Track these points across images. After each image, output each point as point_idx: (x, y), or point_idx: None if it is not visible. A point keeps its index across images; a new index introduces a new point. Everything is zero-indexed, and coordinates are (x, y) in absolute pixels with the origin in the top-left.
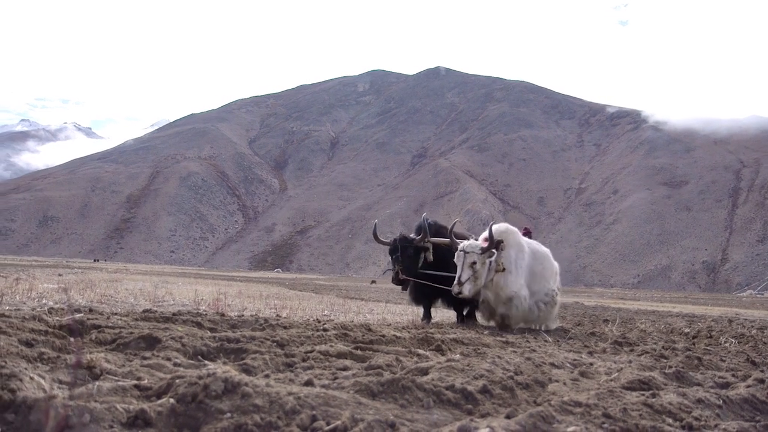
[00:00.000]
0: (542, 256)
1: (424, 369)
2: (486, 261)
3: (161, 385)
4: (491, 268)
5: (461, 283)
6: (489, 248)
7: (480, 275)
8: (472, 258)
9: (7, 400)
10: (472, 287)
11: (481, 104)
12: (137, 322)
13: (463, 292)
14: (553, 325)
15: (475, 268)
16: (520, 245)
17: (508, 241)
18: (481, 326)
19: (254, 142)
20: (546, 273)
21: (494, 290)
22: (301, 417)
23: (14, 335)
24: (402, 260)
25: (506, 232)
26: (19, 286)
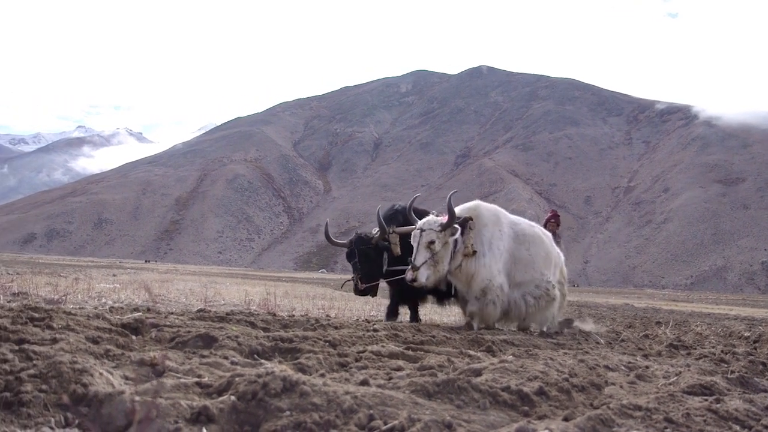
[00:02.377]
0: (531, 239)
1: (477, 370)
2: (449, 240)
3: (221, 383)
4: (458, 251)
5: (416, 268)
6: (450, 224)
7: (441, 258)
8: (429, 236)
9: (81, 393)
10: (432, 274)
11: (525, 103)
12: (193, 322)
13: (418, 278)
14: (553, 326)
15: (434, 249)
16: (497, 224)
17: (480, 217)
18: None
19: (299, 144)
20: (536, 260)
21: (464, 278)
22: (359, 416)
23: (81, 332)
24: (361, 267)
25: (478, 207)
26: (79, 286)
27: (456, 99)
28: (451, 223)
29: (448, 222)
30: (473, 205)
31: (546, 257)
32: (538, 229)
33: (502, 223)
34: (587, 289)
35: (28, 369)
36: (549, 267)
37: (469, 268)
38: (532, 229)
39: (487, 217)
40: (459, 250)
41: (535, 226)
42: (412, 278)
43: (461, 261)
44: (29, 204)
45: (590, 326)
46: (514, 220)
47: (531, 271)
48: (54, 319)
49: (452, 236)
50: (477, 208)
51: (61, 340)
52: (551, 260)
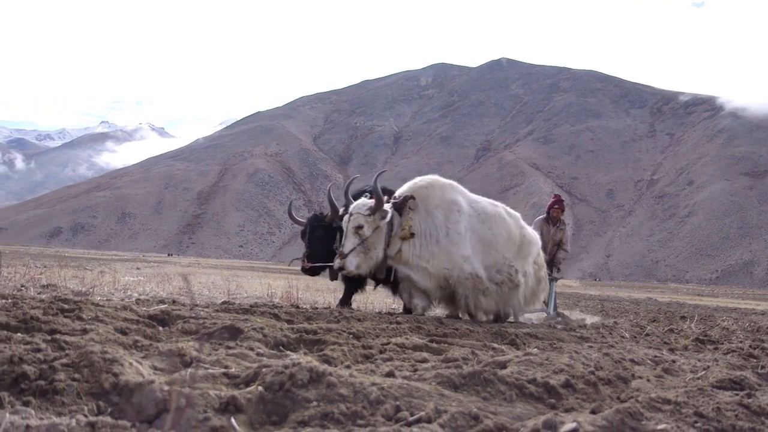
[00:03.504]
0: (493, 219)
1: (502, 362)
2: (381, 225)
3: (248, 374)
4: (395, 235)
5: (343, 255)
6: (378, 207)
7: (373, 244)
8: (357, 221)
9: (112, 383)
10: (363, 261)
11: (546, 95)
12: (218, 314)
13: (346, 266)
14: (520, 315)
15: (363, 235)
16: (454, 202)
17: (431, 197)
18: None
19: (319, 138)
20: (498, 241)
21: (409, 264)
22: (386, 407)
23: (110, 324)
24: (309, 245)
25: (430, 185)
26: (104, 279)
27: (476, 92)
28: (380, 206)
29: (375, 205)
30: (423, 183)
31: (508, 239)
32: (501, 208)
33: (459, 201)
34: (609, 283)
35: (61, 358)
36: (512, 250)
37: (419, 253)
38: (495, 207)
39: (440, 196)
40: (396, 234)
41: (498, 205)
42: (339, 266)
43: (400, 246)
44: (55, 199)
45: (579, 317)
46: (474, 198)
47: (494, 254)
48: (83, 310)
49: (384, 220)
50: (428, 186)
51: (91, 330)
52: (515, 242)
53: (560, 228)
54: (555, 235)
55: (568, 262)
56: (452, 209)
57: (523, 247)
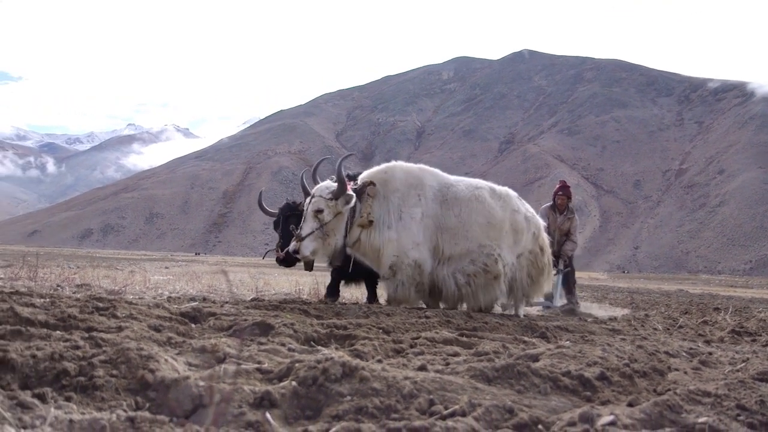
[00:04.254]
0: (465, 203)
1: (534, 355)
2: (343, 210)
3: (281, 369)
4: (355, 222)
5: (300, 239)
6: (341, 191)
7: (333, 230)
8: (317, 204)
9: (148, 379)
10: (320, 247)
11: (570, 86)
12: (248, 310)
13: (301, 251)
14: (514, 308)
15: (322, 219)
16: (415, 187)
17: (390, 182)
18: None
19: (341, 135)
20: (470, 228)
21: (370, 254)
22: (419, 401)
23: (144, 321)
24: (282, 234)
25: (390, 170)
26: (135, 278)
27: (498, 85)
28: (343, 191)
29: (338, 189)
30: (384, 167)
31: (488, 225)
32: (484, 191)
33: (423, 186)
34: (638, 275)
35: (99, 355)
36: (493, 237)
37: (373, 241)
38: (474, 191)
39: (400, 180)
40: (355, 221)
41: (481, 188)
42: (293, 249)
43: (359, 234)
44: (85, 201)
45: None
46: (449, 182)
47: (464, 242)
48: (118, 308)
49: (347, 205)
50: (387, 171)
51: (126, 328)
52: (498, 228)
53: (568, 216)
54: (562, 224)
55: (576, 253)
56: (411, 194)
57: (511, 234)
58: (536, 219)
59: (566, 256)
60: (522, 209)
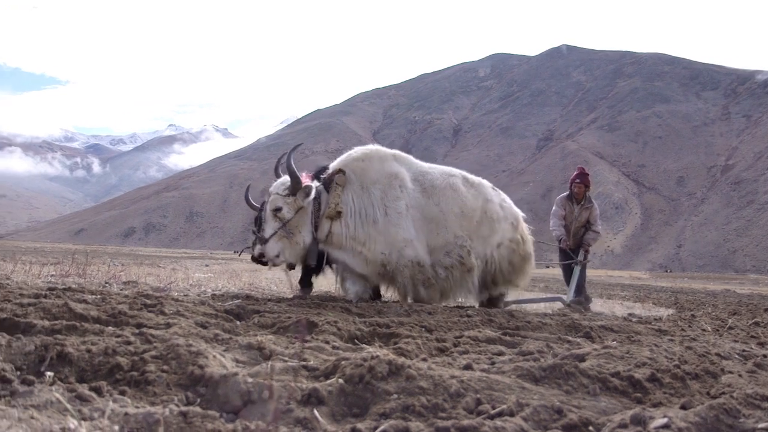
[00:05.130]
0: (442, 191)
1: (580, 356)
2: (305, 205)
3: (327, 366)
4: (322, 215)
5: (263, 241)
6: (296, 186)
7: (296, 228)
8: (275, 203)
9: (198, 375)
10: (287, 247)
11: (610, 81)
12: (291, 308)
13: (266, 253)
14: (470, 302)
15: (282, 217)
16: (394, 176)
17: (368, 171)
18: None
19: (378, 134)
20: (448, 218)
21: (343, 247)
22: (466, 400)
23: (191, 318)
24: (258, 230)
25: (365, 156)
26: (177, 275)
27: (536, 81)
28: (297, 185)
29: (292, 184)
30: (359, 154)
31: (461, 215)
32: (458, 179)
33: (402, 174)
34: (682, 274)
35: (150, 351)
36: (466, 227)
37: (356, 235)
38: (448, 179)
39: (378, 168)
40: (323, 214)
41: (454, 175)
42: (258, 253)
43: (329, 227)
44: (128, 200)
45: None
46: (424, 169)
47: (444, 234)
48: (165, 305)
49: (307, 198)
50: (364, 158)
51: (174, 324)
52: (471, 219)
53: (585, 206)
54: (580, 215)
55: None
56: (393, 184)
57: (485, 225)
58: (513, 210)
59: (587, 246)
60: (496, 199)
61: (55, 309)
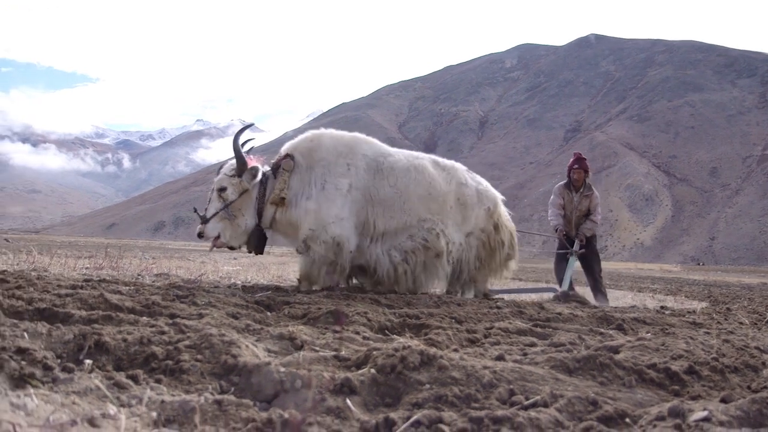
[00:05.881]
0: (403, 172)
1: (613, 347)
2: (249, 187)
3: (359, 356)
4: (267, 201)
5: (204, 221)
6: (241, 168)
7: (240, 210)
8: (220, 182)
9: (231, 364)
10: (228, 228)
11: (640, 70)
12: (320, 299)
13: (205, 233)
14: (461, 291)
15: (226, 198)
16: (344, 156)
17: (315, 151)
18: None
19: (404, 126)
20: (408, 199)
21: (284, 231)
22: (499, 390)
23: (222, 309)
24: None
25: (316, 138)
26: (207, 268)
27: (564, 71)
28: (243, 167)
29: (238, 165)
30: (310, 135)
31: (428, 197)
32: (426, 161)
33: (355, 155)
34: (715, 267)
35: (184, 340)
36: (434, 210)
37: (290, 216)
38: (415, 161)
39: (327, 149)
40: (268, 200)
41: (422, 158)
42: (198, 232)
43: (274, 212)
44: (158, 195)
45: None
46: (388, 152)
47: (401, 216)
48: (197, 296)
49: (253, 180)
50: (313, 139)
51: (206, 315)
52: (439, 201)
53: (585, 194)
54: (580, 203)
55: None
56: (339, 162)
57: (458, 209)
58: (491, 193)
59: (583, 236)
60: (471, 183)
61: (92, 299)
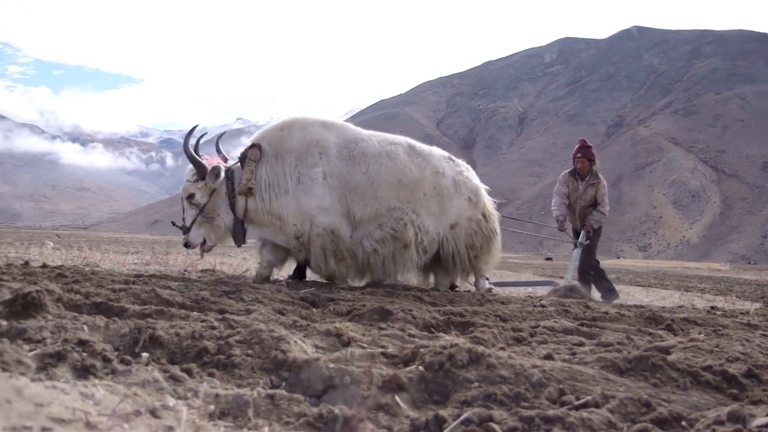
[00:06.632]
0: (375, 159)
1: (664, 348)
2: (216, 186)
3: (406, 353)
4: (237, 193)
5: (185, 230)
6: (200, 172)
7: (215, 210)
8: (186, 190)
9: (281, 359)
10: (209, 231)
11: (685, 62)
12: (364, 296)
13: (190, 242)
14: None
15: (198, 203)
16: (315, 144)
17: (286, 140)
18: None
19: (442, 123)
20: (379, 187)
21: (261, 222)
22: (549, 390)
23: (269, 305)
24: None
25: (286, 126)
26: (248, 264)
27: (605, 65)
28: (202, 170)
29: (196, 170)
30: (280, 123)
31: (398, 184)
32: (399, 147)
33: (326, 142)
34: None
35: (234, 335)
36: (405, 198)
37: (271, 208)
38: (388, 146)
39: (298, 138)
40: (237, 192)
41: (397, 143)
42: (184, 243)
43: (245, 203)
44: None
45: None
46: (360, 137)
47: (373, 204)
48: (243, 292)
49: (218, 179)
50: (283, 127)
51: (253, 311)
52: (411, 189)
53: (591, 182)
54: (585, 192)
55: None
56: (310, 151)
57: (434, 199)
58: (472, 183)
59: (590, 228)
60: (449, 171)
61: (144, 294)
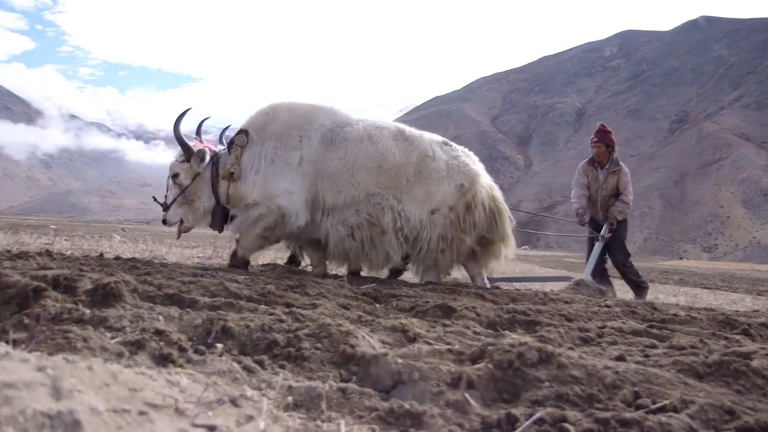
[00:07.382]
0: (355, 143)
1: (744, 353)
2: (200, 169)
3: (474, 351)
4: (221, 179)
5: (166, 208)
6: (187, 153)
7: (196, 193)
8: (173, 169)
9: (350, 353)
10: (188, 212)
11: (758, 53)
12: (425, 293)
13: (168, 219)
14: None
15: (181, 183)
16: (297, 128)
17: (269, 125)
18: None
19: (497, 119)
20: (357, 173)
21: (235, 205)
22: (623, 392)
23: (333, 299)
24: None
25: (271, 111)
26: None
27: (669, 58)
28: (189, 152)
29: (184, 152)
30: (266, 108)
31: (378, 169)
32: (385, 131)
33: (310, 126)
34: None
35: (303, 329)
36: (384, 183)
37: (240, 190)
38: (373, 130)
39: (282, 121)
40: (221, 177)
41: (383, 128)
42: (162, 219)
43: (227, 188)
44: None
45: None
46: (348, 121)
47: (349, 190)
48: (307, 286)
49: (202, 162)
50: (269, 112)
51: (319, 305)
52: (392, 174)
53: (612, 171)
54: (606, 181)
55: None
56: (291, 135)
57: (419, 184)
58: (469, 169)
59: (613, 219)
60: (441, 155)
61: (213, 287)
